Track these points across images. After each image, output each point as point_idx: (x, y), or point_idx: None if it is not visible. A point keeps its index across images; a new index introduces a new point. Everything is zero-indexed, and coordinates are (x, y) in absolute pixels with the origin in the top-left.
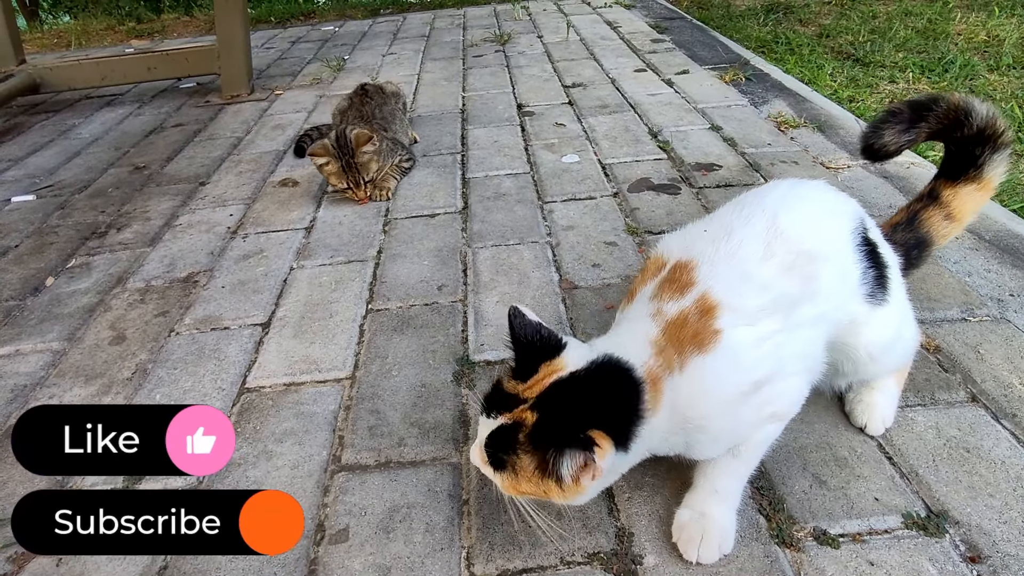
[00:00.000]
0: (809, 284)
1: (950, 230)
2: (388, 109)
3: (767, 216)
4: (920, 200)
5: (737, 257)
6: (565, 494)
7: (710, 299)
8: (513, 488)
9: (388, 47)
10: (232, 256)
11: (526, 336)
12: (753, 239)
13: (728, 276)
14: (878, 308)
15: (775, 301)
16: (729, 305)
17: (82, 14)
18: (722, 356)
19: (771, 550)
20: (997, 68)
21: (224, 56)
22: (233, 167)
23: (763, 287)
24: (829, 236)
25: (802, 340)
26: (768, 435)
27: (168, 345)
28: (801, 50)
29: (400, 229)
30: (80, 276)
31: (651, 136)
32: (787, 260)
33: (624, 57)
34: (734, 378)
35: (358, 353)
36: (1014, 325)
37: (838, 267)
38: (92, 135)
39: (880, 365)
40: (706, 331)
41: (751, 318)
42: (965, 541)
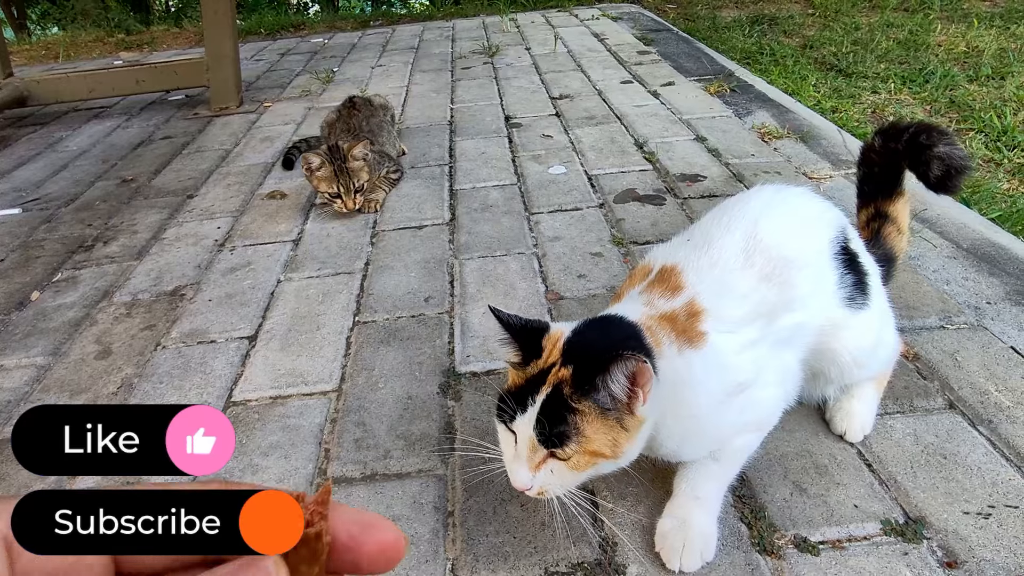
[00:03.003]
0: (786, 291)
1: (902, 242)
2: (376, 121)
3: (747, 223)
4: (874, 220)
5: (719, 266)
6: (628, 432)
7: (696, 305)
8: (584, 452)
9: (377, 59)
10: (219, 269)
11: (517, 324)
12: (733, 247)
13: (711, 285)
14: (859, 313)
15: (754, 310)
16: (713, 313)
17: (71, 26)
18: (711, 356)
19: (752, 558)
20: (976, 78)
21: (213, 69)
22: (221, 180)
23: (743, 296)
24: (807, 243)
25: (780, 350)
26: (747, 443)
27: (154, 359)
28: (785, 61)
29: (388, 241)
30: (66, 290)
31: (637, 147)
32: (765, 269)
33: (611, 69)
34: (720, 377)
35: (345, 366)
36: (991, 332)
37: (815, 274)
38: (79, 148)
39: (864, 369)
40: (694, 331)
41: (733, 326)
42: (942, 547)
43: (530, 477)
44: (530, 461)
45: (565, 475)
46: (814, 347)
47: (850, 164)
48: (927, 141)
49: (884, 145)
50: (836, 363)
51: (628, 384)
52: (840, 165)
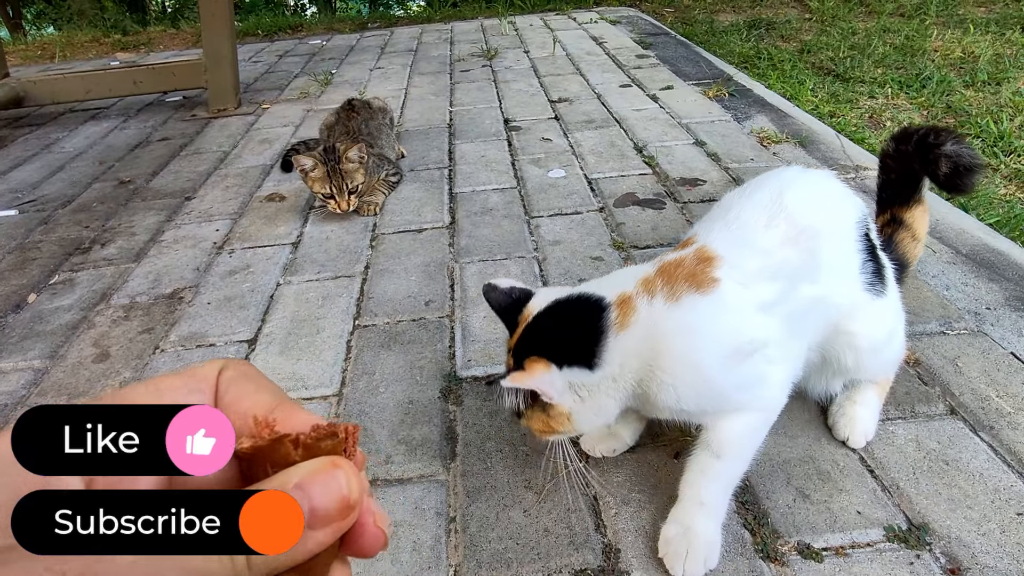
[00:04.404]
0: (810, 259)
1: (917, 249)
2: (375, 124)
3: (772, 192)
4: (889, 225)
5: (739, 223)
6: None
7: (709, 251)
8: (531, 425)
9: (376, 61)
10: (218, 272)
11: (500, 304)
12: (756, 210)
13: (728, 237)
14: (876, 300)
15: (775, 269)
16: (728, 260)
17: (67, 26)
18: (717, 303)
19: (756, 564)
20: (973, 84)
21: (211, 70)
22: (219, 182)
23: (763, 252)
24: (834, 217)
25: (793, 327)
26: (751, 429)
27: (153, 363)
28: (783, 66)
29: (387, 244)
30: (63, 292)
31: (636, 151)
32: (790, 232)
33: (609, 72)
34: (723, 330)
35: (345, 370)
36: (991, 338)
37: (840, 248)
38: (76, 149)
39: (877, 359)
40: (704, 276)
41: (748, 279)
42: (945, 553)
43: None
44: None
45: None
46: (831, 328)
47: (848, 169)
48: (935, 141)
49: (897, 149)
50: (853, 347)
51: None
52: (839, 170)
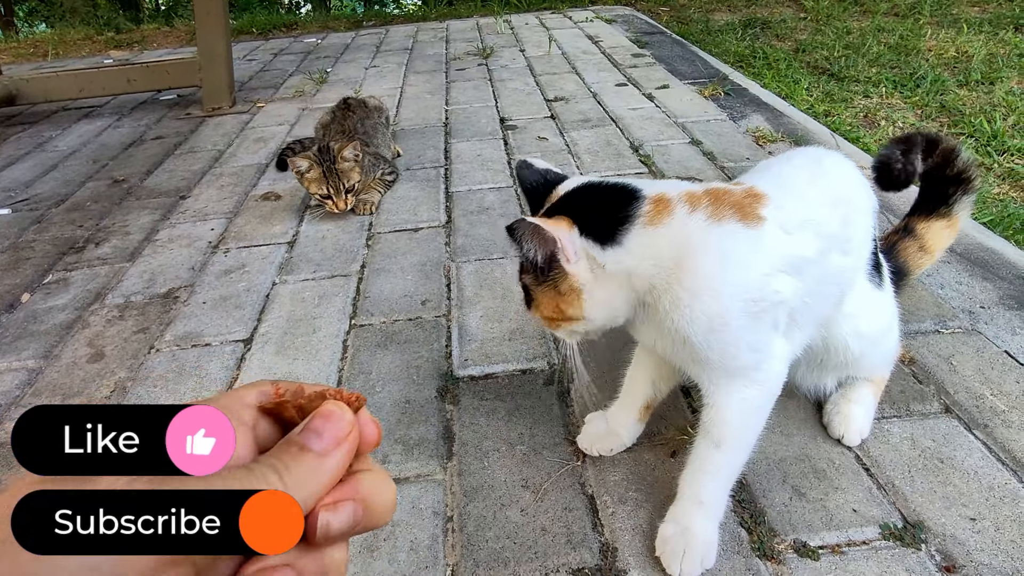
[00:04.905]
0: (845, 228)
1: (923, 261)
2: (370, 123)
3: (811, 158)
4: (896, 232)
5: (783, 177)
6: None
7: (758, 190)
8: (538, 311)
9: (371, 60)
10: (213, 271)
11: (531, 183)
12: (798, 171)
13: (775, 186)
14: (876, 291)
15: (817, 225)
16: (775, 202)
17: (59, 23)
18: (758, 240)
19: (752, 563)
20: (966, 83)
21: (205, 68)
22: (214, 181)
23: (808, 204)
24: (863, 196)
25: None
26: (749, 407)
27: (148, 362)
28: (778, 65)
29: (384, 243)
30: (57, 292)
31: (632, 150)
32: (831, 197)
33: (605, 71)
34: (755, 269)
35: (341, 369)
36: (985, 336)
37: (866, 226)
38: (70, 148)
39: (873, 353)
40: (751, 210)
41: (793, 226)
42: (941, 551)
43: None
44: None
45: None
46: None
47: None
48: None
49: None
50: (856, 333)
51: (544, 250)
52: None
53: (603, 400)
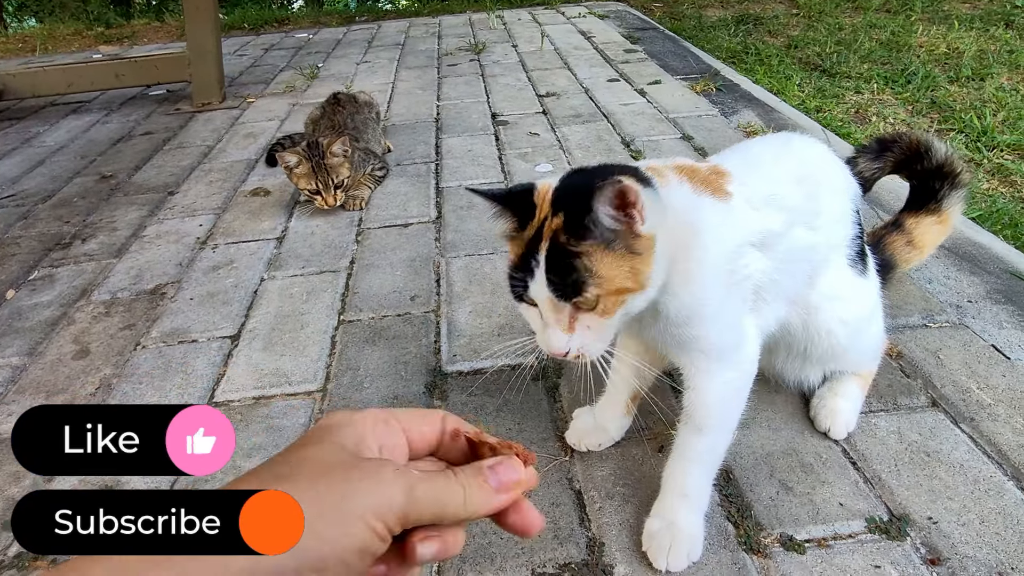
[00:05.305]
0: (811, 203)
1: (912, 256)
2: (361, 118)
3: (780, 140)
4: (885, 227)
5: (751, 155)
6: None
7: (723, 168)
8: (607, 292)
9: (363, 55)
10: (201, 267)
11: (503, 192)
12: (765, 150)
13: (740, 163)
14: (858, 278)
15: (781, 200)
16: (740, 179)
17: (49, 18)
18: (729, 212)
19: (739, 557)
20: (957, 79)
21: (195, 63)
22: (203, 176)
23: (772, 180)
24: (835, 174)
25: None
26: (729, 388)
27: (134, 359)
28: (770, 61)
29: (373, 239)
30: (43, 289)
31: (624, 145)
32: (796, 173)
33: (597, 67)
34: (729, 240)
35: (329, 365)
36: (972, 331)
37: (836, 206)
38: (57, 143)
39: (856, 343)
40: (718, 184)
41: (758, 202)
42: (926, 544)
43: (566, 339)
44: (560, 323)
45: (599, 326)
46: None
47: None
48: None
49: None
50: (841, 320)
51: (618, 211)
52: None
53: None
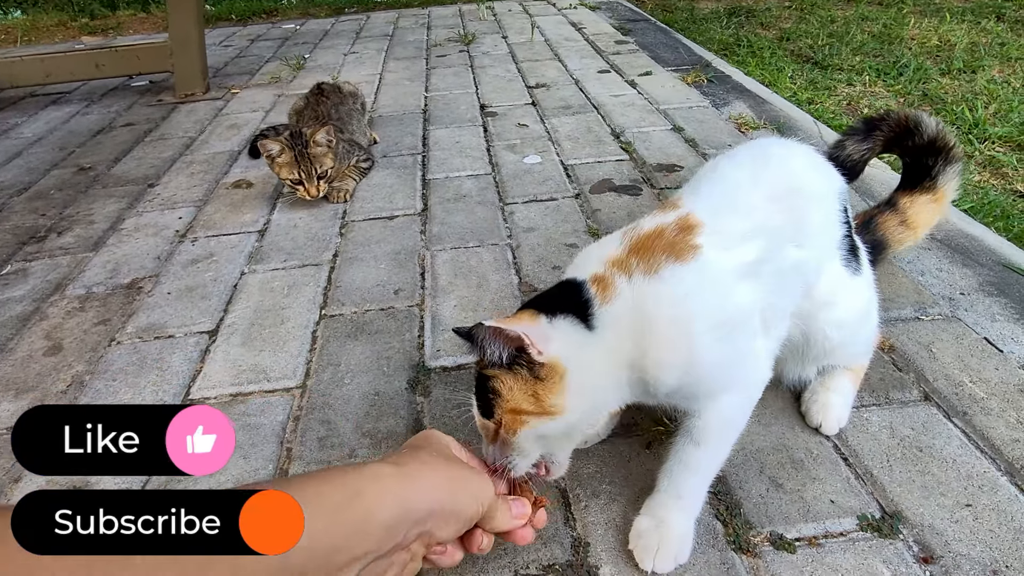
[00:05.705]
0: (795, 219)
1: (905, 236)
2: (345, 109)
3: (758, 153)
4: (879, 206)
5: (724, 183)
6: (546, 381)
7: (692, 218)
8: (507, 411)
9: (351, 46)
10: (180, 261)
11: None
12: (742, 170)
13: (713, 200)
14: (853, 277)
15: (758, 225)
16: (711, 225)
17: (32, 9)
18: (699, 271)
19: (728, 556)
20: (949, 72)
21: (177, 53)
22: (184, 168)
23: (748, 211)
24: (819, 180)
25: (776, 290)
26: (733, 410)
27: (108, 355)
28: (762, 53)
29: (357, 232)
30: (15, 283)
31: (614, 137)
32: (776, 190)
33: (588, 58)
34: (709, 299)
35: (309, 361)
36: (964, 323)
37: (825, 214)
38: (35, 134)
39: (852, 340)
40: (684, 244)
41: (732, 242)
42: (918, 541)
43: (491, 452)
44: (487, 438)
45: (509, 445)
46: (811, 300)
47: None
48: None
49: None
50: (833, 322)
51: (507, 345)
52: None
53: None
